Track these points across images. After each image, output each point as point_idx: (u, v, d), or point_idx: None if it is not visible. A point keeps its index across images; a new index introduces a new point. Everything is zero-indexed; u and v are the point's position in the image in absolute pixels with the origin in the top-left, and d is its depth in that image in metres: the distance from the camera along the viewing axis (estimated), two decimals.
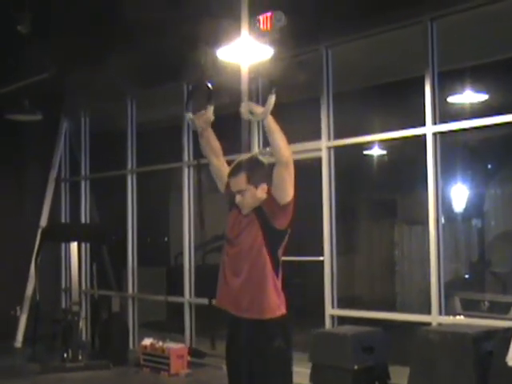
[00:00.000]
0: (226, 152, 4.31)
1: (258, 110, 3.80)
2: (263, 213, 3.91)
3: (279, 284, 3.98)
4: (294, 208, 3.92)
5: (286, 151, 3.78)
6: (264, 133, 4.00)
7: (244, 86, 6.06)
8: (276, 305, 3.94)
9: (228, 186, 4.07)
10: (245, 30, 6.36)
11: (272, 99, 3.76)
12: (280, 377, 3.95)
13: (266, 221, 3.89)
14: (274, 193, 3.86)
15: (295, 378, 7.47)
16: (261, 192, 3.92)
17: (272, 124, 3.78)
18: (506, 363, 5.35)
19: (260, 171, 3.95)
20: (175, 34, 7.80)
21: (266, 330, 3.91)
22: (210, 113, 4.12)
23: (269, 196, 3.91)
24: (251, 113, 3.82)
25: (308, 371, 6.92)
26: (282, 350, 3.92)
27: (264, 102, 3.82)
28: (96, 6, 8.00)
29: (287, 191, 3.82)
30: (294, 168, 3.84)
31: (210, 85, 4.18)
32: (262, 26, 6.78)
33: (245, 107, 3.83)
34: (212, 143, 4.24)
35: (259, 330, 3.90)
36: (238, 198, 3.95)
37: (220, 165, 4.23)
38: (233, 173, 3.99)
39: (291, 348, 4.01)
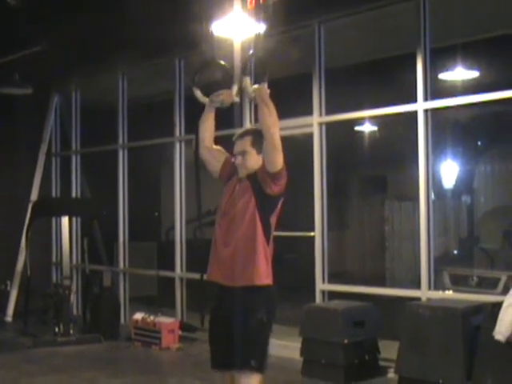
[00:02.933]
0: (219, 127, 4.35)
1: (250, 88, 4.00)
2: (257, 180, 4.06)
3: (269, 253, 4.11)
4: (287, 177, 4.07)
5: (271, 126, 3.92)
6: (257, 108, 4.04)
7: (237, 61, 6.06)
8: (265, 273, 4.08)
9: (225, 160, 4.26)
10: (237, 4, 6.34)
11: (265, 78, 3.96)
12: (256, 348, 4.09)
13: (259, 187, 4.05)
14: (266, 161, 4.02)
15: (286, 352, 7.58)
16: (260, 158, 4.09)
17: (266, 96, 3.92)
18: (493, 337, 5.42)
19: (263, 141, 4.05)
20: (167, 8, 7.76)
21: (252, 301, 4.05)
22: (234, 93, 4.25)
23: (262, 164, 4.06)
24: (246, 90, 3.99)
25: (299, 345, 6.99)
26: (263, 323, 4.08)
27: (255, 79, 3.90)
28: None
29: (275, 162, 3.97)
30: (286, 143, 3.96)
31: (223, 62, 4.25)
32: (254, 1, 6.76)
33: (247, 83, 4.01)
34: (211, 127, 4.34)
35: (245, 301, 4.03)
36: (238, 159, 4.13)
37: (210, 142, 4.36)
38: (240, 136, 4.20)
39: (272, 322, 4.17)
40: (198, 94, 4.29)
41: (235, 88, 4.20)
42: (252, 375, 4.00)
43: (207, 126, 4.32)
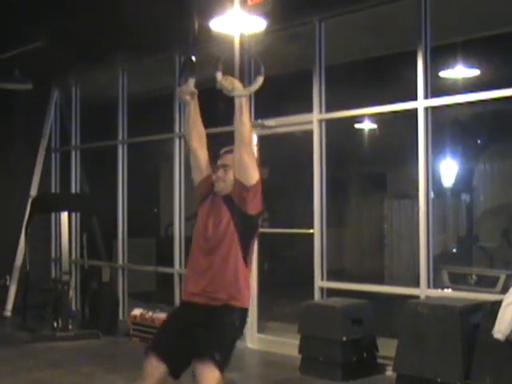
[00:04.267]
0: (207, 125, 4.28)
1: (238, 85, 3.80)
2: (233, 202, 3.92)
3: (248, 276, 4.02)
4: (263, 193, 3.94)
5: (250, 132, 3.86)
6: (257, 105, 4.02)
7: (236, 57, 6.06)
8: (246, 298, 4.01)
9: (206, 176, 4.11)
10: (237, 1, 6.33)
11: (260, 80, 3.77)
12: (223, 344, 3.94)
13: (237, 208, 3.90)
14: (239, 176, 3.87)
15: (285, 349, 7.59)
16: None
17: (246, 103, 3.80)
18: (492, 335, 5.42)
19: None
20: (167, 3, 7.75)
21: (227, 313, 3.95)
22: (191, 85, 4.05)
23: (235, 182, 3.92)
24: (232, 88, 3.78)
25: (297, 343, 6.99)
26: (236, 326, 3.98)
27: (254, 75, 3.83)
28: None
29: (251, 173, 3.85)
30: (285, 140, 3.90)
31: (193, 57, 4.15)
32: None
33: (227, 81, 3.79)
34: (198, 126, 4.16)
35: (220, 312, 3.93)
36: (220, 171, 3.99)
37: (201, 154, 4.16)
38: (228, 151, 4.05)
39: (241, 333, 4.10)
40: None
41: (192, 81, 4.05)
42: (213, 368, 3.78)
43: (193, 133, 4.15)
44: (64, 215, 9.42)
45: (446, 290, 7.44)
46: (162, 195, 12.26)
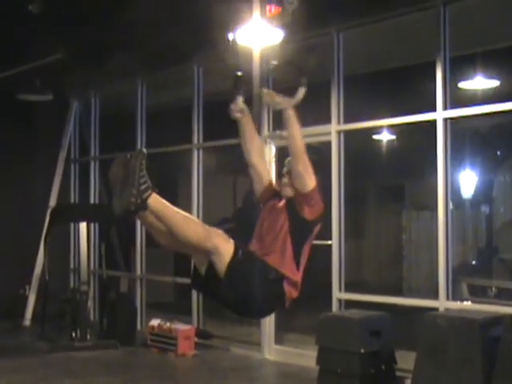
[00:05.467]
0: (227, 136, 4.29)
1: (279, 99, 3.80)
2: (293, 204, 3.96)
3: (299, 278, 3.98)
4: (323, 203, 3.99)
5: (301, 144, 3.83)
6: (274, 116, 4.01)
7: (256, 69, 6.06)
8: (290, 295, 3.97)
9: (267, 186, 4.16)
10: (256, 12, 6.34)
11: (302, 91, 3.75)
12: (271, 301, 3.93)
13: (295, 211, 3.94)
14: (295, 184, 3.92)
15: (302, 361, 7.56)
16: None
17: (294, 116, 3.79)
18: None
19: None
20: (186, 14, 7.79)
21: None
22: (239, 103, 4.02)
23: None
24: (273, 102, 3.83)
25: (315, 354, 6.96)
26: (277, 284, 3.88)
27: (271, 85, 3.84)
28: None
29: (305, 180, 3.86)
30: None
31: (239, 73, 4.14)
32: (273, 9, 6.77)
33: (268, 96, 3.83)
34: (255, 140, 4.16)
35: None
36: (285, 178, 4.04)
37: (262, 168, 4.19)
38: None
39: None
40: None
41: (239, 99, 4.05)
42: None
43: (248, 146, 4.14)
44: (83, 225, 9.46)
45: (465, 303, 7.39)
46: (179, 206, 12.27)
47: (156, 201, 3.58)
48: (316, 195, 3.94)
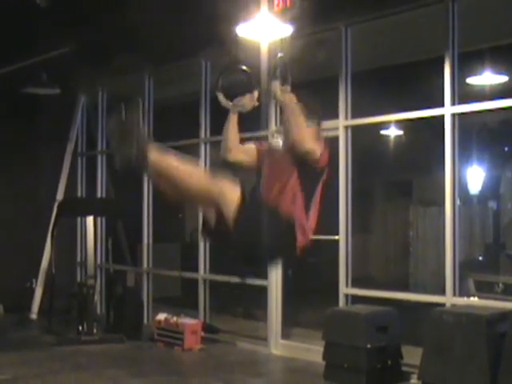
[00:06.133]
0: (244, 129, 4.31)
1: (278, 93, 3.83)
2: (297, 153, 3.85)
3: (310, 224, 3.88)
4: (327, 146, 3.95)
5: (302, 139, 3.80)
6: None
7: (263, 63, 6.05)
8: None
9: (257, 156, 4.13)
10: (264, 6, 6.32)
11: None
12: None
13: (299, 159, 3.83)
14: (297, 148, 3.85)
15: (309, 356, 7.56)
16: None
17: (295, 107, 3.81)
18: None
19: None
20: (193, 9, 7.79)
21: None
22: (254, 98, 4.06)
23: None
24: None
25: (321, 349, 6.97)
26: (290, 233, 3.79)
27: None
28: None
29: (308, 148, 3.81)
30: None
31: (245, 67, 4.13)
32: (281, 3, 6.76)
33: (275, 87, 3.82)
34: (235, 133, 4.17)
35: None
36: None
37: (241, 156, 4.15)
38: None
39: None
40: (221, 98, 4.23)
41: (256, 92, 4.10)
42: None
43: (231, 130, 4.18)
44: (90, 219, 9.47)
45: (471, 299, 7.38)
46: None
47: (156, 154, 3.52)
48: (321, 151, 3.85)
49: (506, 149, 10.38)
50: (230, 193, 3.54)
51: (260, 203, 3.71)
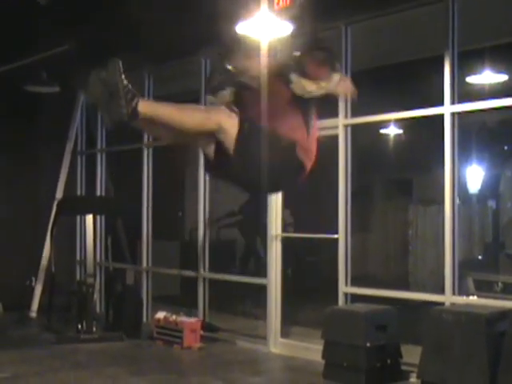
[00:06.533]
0: None
1: (312, 86, 3.63)
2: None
3: (311, 143, 3.75)
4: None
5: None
6: None
7: (263, 61, 6.04)
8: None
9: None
10: (264, 5, 6.32)
11: (336, 77, 3.67)
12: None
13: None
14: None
15: (308, 354, 7.56)
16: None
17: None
18: None
19: None
20: (193, 7, 7.78)
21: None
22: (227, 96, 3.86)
23: None
24: (304, 91, 3.62)
25: (321, 348, 6.97)
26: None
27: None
28: None
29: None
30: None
31: (229, 67, 4.06)
32: (281, 1, 6.76)
33: (297, 85, 3.63)
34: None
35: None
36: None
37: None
38: None
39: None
40: (211, 99, 4.11)
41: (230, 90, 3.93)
42: None
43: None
44: (89, 218, 9.47)
45: (471, 298, 7.38)
46: (186, 199, 12.30)
47: (145, 105, 3.41)
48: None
49: (506, 148, 10.38)
50: (228, 122, 3.42)
51: (259, 130, 3.55)
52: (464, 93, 7.08)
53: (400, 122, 8.99)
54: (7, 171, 10.83)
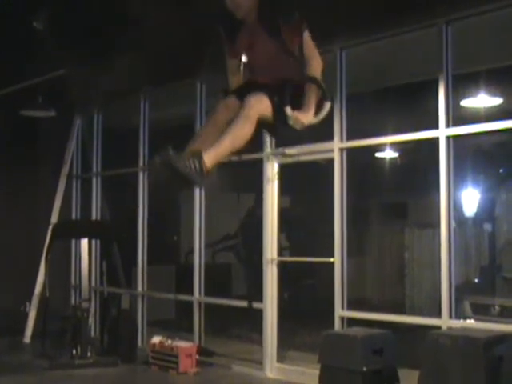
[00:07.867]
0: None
1: (304, 118, 3.66)
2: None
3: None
4: None
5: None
6: None
7: None
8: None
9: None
10: None
11: (327, 106, 3.73)
12: None
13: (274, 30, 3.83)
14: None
15: (305, 379, 7.50)
16: None
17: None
18: None
19: None
20: (189, 31, 7.81)
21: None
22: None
23: None
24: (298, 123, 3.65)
25: (317, 372, 6.91)
26: None
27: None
28: (109, 5, 8.03)
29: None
30: (306, 168, 3.80)
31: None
32: None
33: (293, 118, 3.64)
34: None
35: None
36: None
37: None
38: None
39: None
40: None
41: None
42: None
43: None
44: (84, 242, 9.44)
45: (468, 321, 7.35)
46: (182, 223, 12.27)
47: (210, 159, 3.49)
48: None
49: (501, 171, 10.39)
50: (259, 105, 3.54)
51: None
52: (459, 116, 7.09)
53: (396, 146, 8.99)
54: (4, 196, 10.81)
